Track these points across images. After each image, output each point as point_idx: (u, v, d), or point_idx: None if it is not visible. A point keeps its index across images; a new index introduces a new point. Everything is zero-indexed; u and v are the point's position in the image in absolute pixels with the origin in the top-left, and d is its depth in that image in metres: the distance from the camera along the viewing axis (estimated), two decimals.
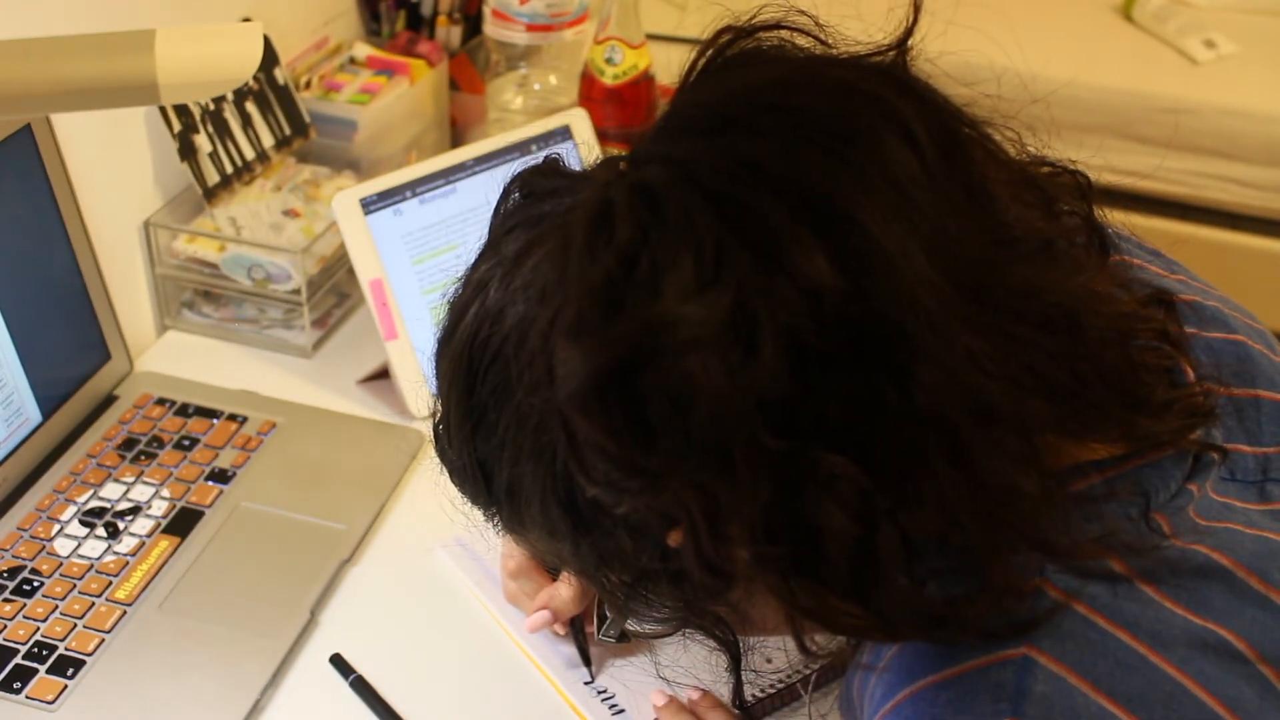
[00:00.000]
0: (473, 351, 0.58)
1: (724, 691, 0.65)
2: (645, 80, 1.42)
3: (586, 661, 0.92)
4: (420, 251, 1.16)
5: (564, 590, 0.88)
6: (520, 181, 0.59)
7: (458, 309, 0.59)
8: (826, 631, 0.56)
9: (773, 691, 0.88)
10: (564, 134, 1.24)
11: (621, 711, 0.88)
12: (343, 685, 0.90)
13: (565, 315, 0.51)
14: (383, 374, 1.18)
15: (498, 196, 0.60)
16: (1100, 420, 0.56)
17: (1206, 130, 2.13)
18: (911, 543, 0.54)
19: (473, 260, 0.60)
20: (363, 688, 0.90)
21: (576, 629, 0.92)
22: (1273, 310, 1.34)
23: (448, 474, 0.62)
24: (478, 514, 0.64)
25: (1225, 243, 2.19)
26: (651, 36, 1.44)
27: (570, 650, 0.92)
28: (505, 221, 0.59)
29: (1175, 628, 0.55)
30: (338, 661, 0.92)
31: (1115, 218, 0.67)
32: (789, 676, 0.88)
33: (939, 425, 0.51)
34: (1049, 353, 0.53)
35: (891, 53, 0.58)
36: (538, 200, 0.58)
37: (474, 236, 0.61)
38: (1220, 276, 0.80)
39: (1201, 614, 0.56)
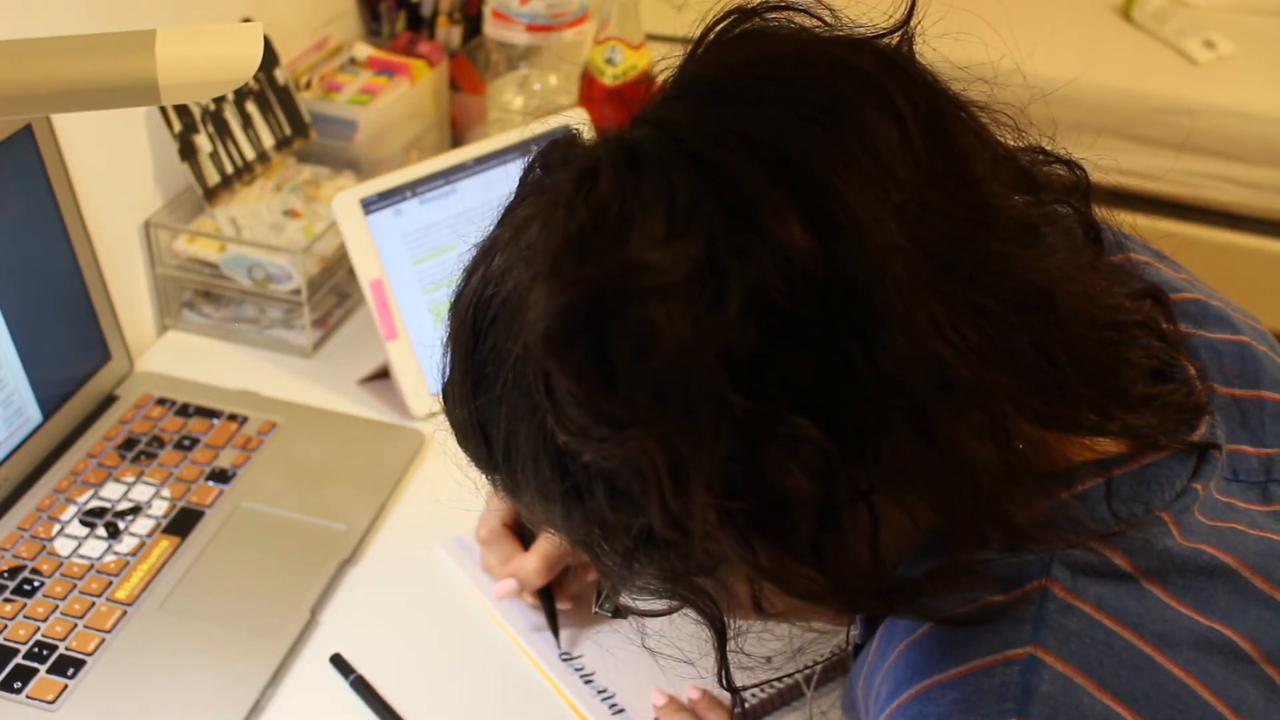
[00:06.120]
0: (476, 311, 0.59)
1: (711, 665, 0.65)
2: (645, 80, 1.42)
3: (554, 631, 0.93)
4: (420, 251, 1.16)
5: (531, 560, 0.91)
6: (539, 155, 0.60)
7: (467, 271, 0.61)
8: (783, 594, 0.57)
9: (774, 690, 0.88)
10: None
11: (621, 711, 0.88)
12: (343, 685, 0.90)
13: (543, 265, 0.53)
14: (383, 374, 1.18)
15: (522, 170, 0.61)
16: (1070, 404, 0.56)
17: (1206, 130, 2.13)
18: (875, 514, 0.54)
19: (489, 229, 0.62)
20: (363, 688, 0.90)
21: (546, 599, 0.93)
22: (1273, 310, 1.34)
23: (453, 434, 0.63)
24: (482, 479, 0.65)
25: (1225, 243, 2.19)
26: (651, 36, 1.45)
27: (568, 647, 0.93)
28: (519, 191, 0.60)
29: (1181, 628, 0.55)
30: (338, 661, 0.92)
31: (1116, 218, 0.68)
32: (791, 674, 0.88)
33: (904, 392, 0.51)
34: (1017, 328, 0.53)
35: (893, 36, 0.58)
36: (551, 171, 0.59)
37: (474, 236, 0.62)
38: (1220, 276, 0.80)
39: (1207, 614, 0.56)
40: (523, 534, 0.94)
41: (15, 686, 0.88)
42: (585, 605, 0.95)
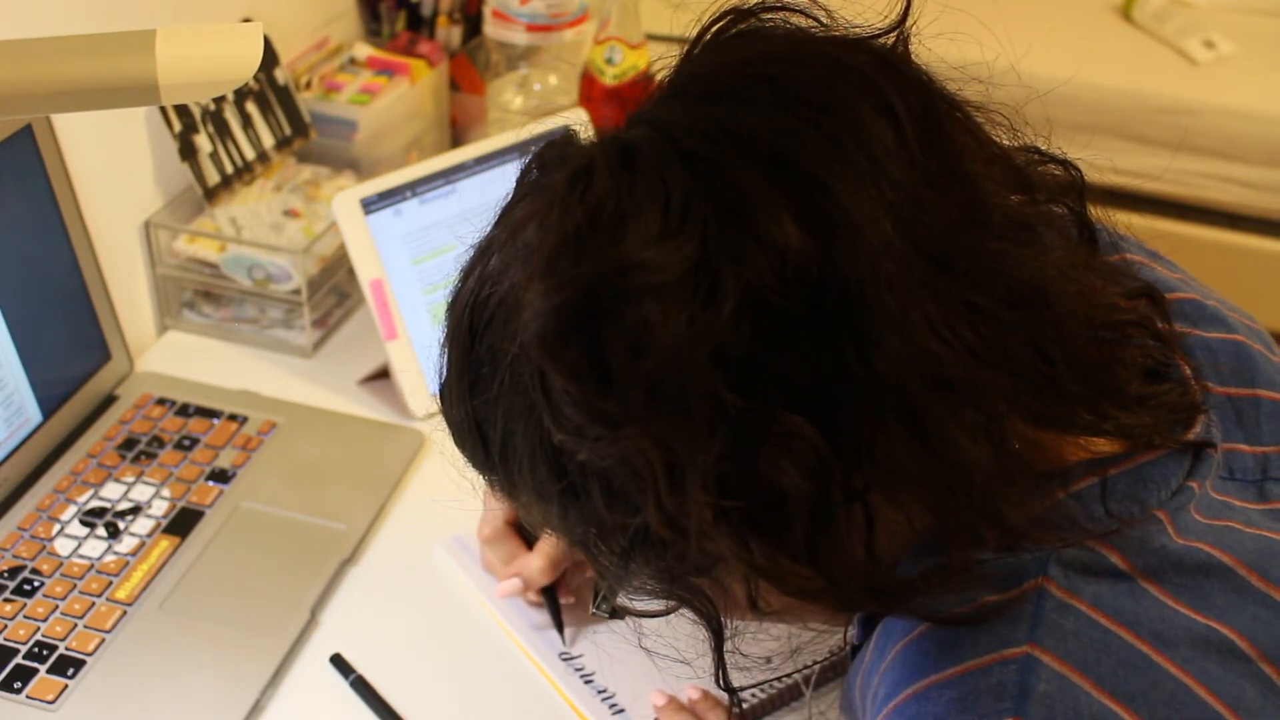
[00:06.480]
0: (473, 310, 0.59)
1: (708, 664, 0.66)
2: (644, 80, 1.42)
3: (559, 629, 0.93)
4: (420, 251, 1.16)
5: (535, 560, 0.91)
6: (536, 156, 0.60)
7: (464, 271, 0.61)
8: (779, 593, 0.57)
9: (773, 691, 0.88)
10: None
11: (621, 711, 0.88)
12: (343, 685, 0.91)
13: (538, 264, 0.53)
14: (383, 374, 1.18)
15: (520, 171, 0.62)
16: (1065, 403, 0.56)
17: (1206, 130, 2.13)
18: (870, 514, 0.54)
19: (486, 229, 0.62)
20: (363, 688, 0.90)
21: (550, 597, 0.93)
22: (1273, 310, 1.34)
23: (450, 435, 0.63)
24: (480, 479, 0.65)
25: (1225, 243, 2.19)
26: (651, 36, 1.45)
27: (568, 646, 0.93)
28: (517, 191, 0.61)
29: (1178, 627, 0.55)
30: (338, 661, 0.92)
31: (1115, 218, 0.68)
32: (790, 674, 0.88)
33: (898, 391, 0.51)
34: (1011, 327, 0.53)
35: (888, 36, 0.58)
36: (548, 171, 0.59)
37: (472, 237, 0.62)
38: (1220, 276, 0.80)
39: (1204, 612, 0.56)
40: (525, 533, 0.94)
41: (15, 686, 0.88)
42: (586, 600, 0.95)
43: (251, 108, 1.29)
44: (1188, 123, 2.12)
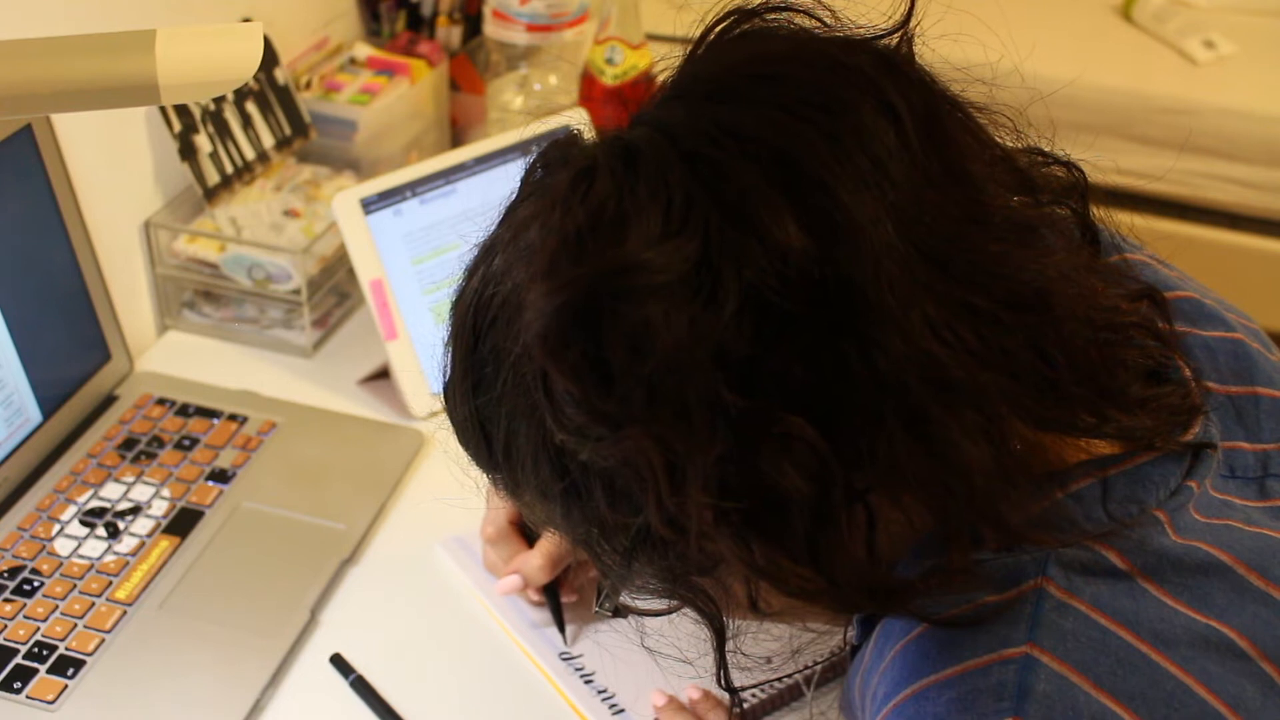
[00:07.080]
0: (476, 310, 0.59)
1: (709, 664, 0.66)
2: (645, 80, 1.42)
3: (560, 627, 0.93)
4: (420, 251, 1.16)
5: (534, 557, 0.91)
6: (539, 156, 0.60)
7: (468, 271, 0.61)
8: (779, 593, 0.57)
9: (774, 691, 0.88)
10: None
11: (621, 711, 0.88)
12: (343, 685, 0.91)
13: (540, 265, 0.53)
14: (383, 374, 1.18)
15: (524, 170, 0.62)
16: (1066, 406, 0.56)
17: (1206, 130, 2.13)
18: (871, 515, 0.55)
19: (490, 229, 0.62)
20: (363, 688, 0.90)
21: (552, 595, 0.93)
22: (1273, 310, 1.34)
23: (454, 434, 0.64)
24: (483, 478, 0.65)
25: (1225, 243, 2.19)
26: (651, 36, 1.45)
27: (569, 645, 0.93)
28: (521, 191, 0.61)
29: (1177, 626, 0.56)
30: (338, 661, 0.92)
31: (1117, 219, 0.68)
32: (791, 674, 0.88)
33: (898, 392, 0.52)
34: (1011, 329, 0.54)
35: (891, 37, 0.58)
36: (551, 171, 0.59)
37: (474, 236, 0.63)
38: (1220, 276, 0.80)
39: (1203, 611, 0.56)
40: (528, 533, 0.94)
41: (15, 686, 0.88)
42: (588, 600, 0.95)
43: (251, 108, 1.29)
44: (1188, 123, 2.12)
